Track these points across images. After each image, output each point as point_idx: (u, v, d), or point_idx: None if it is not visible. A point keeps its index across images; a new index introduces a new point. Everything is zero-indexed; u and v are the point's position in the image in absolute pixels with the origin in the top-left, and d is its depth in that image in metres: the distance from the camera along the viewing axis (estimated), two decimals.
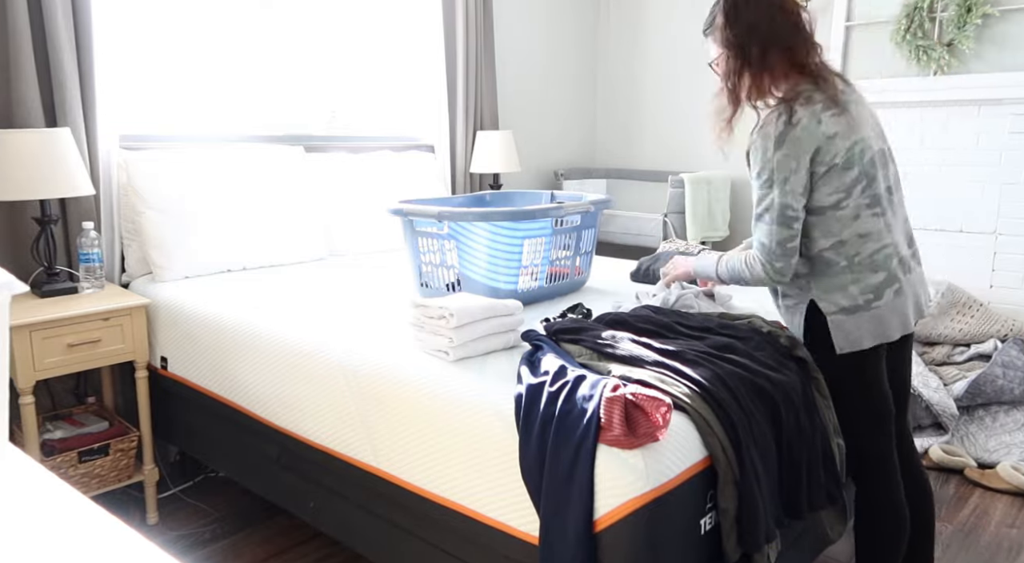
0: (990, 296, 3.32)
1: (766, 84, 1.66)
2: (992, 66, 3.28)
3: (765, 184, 1.63)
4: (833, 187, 1.61)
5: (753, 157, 1.66)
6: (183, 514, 2.48)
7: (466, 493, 1.50)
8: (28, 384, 2.10)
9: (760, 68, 1.65)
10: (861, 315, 1.64)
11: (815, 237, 1.65)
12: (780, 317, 1.83)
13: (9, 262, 2.34)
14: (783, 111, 1.61)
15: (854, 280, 1.64)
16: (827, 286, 1.66)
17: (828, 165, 1.60)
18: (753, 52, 1.64)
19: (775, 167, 1.60)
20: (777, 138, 1.60)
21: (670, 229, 3.89)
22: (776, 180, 1.61)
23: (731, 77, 1.69)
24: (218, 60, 2.99)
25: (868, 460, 1.74)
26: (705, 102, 4.59)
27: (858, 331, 1.65)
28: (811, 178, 1.62)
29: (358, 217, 3.11)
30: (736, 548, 1.38)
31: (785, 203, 1.61)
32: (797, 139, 1.58)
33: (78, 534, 0.74)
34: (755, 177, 1.66)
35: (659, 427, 1.27)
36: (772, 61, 1.64)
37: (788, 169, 1.59)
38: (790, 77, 1.65)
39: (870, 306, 1.64)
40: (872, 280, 1.64)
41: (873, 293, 1.64)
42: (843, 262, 1.64)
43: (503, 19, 4.06)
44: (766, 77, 1.65)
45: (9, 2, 2.25)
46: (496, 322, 1.73)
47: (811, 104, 1.61)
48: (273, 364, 1.96)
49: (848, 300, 1.64)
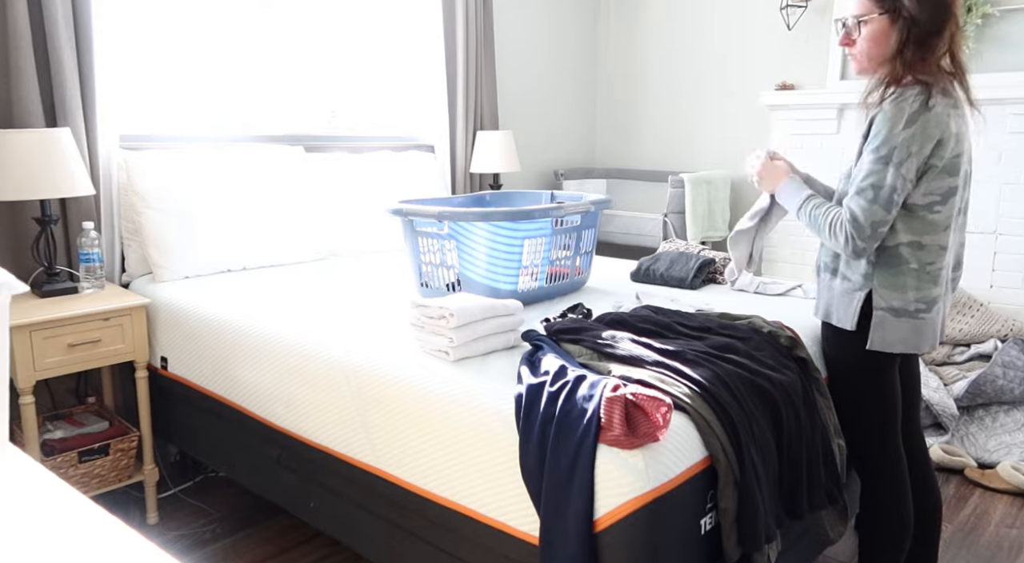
0: (990, 296, 3.32)
1: (926, 64, 1.57)
2: (992, 66, 3.28)
3: (881, 160, 1.55)
4: (933, 188, 1.58)
5: (877, 126, 1.57)
6: (183, 514, 2.48)
7: (466, 493, 1.50)
8: (28, 384, 2.10)
9: (928, 46, 1.57)
10: (904, 321, 1.62)
11: (898, 230, 1.61)
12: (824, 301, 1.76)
13: (9, 262, 2.34)
14: (923, 91, 1.55)
15: (916, 286, 1.61)
16: (889, 282, 1.62)
17: (943, 161, 1.56)
18: (930, 27, 1.56)
19: (898, 144, 1.54)
20: (910, 116, 1.53)
21: (670, 229, 3.89)
22: (894, 159, 1.54)
23: (905, 46, 1.57)
24: (218, 60, 2.99)
25: (873, 460, 1.74)
26: (705, 102, 4.59)
27: (896, 335, 1.63)
28: (923, 169, 1.56)
29: (358, 217, 3.11)
30: (736, 548, 1.38)
31: (894, 185, 1.55)
32: (928, 124, 1.53)
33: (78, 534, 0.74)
34: (871, 149, 1.57)
35: (659, 427, 1.27)
36: (940, 43, 1.57)
37: (909, 151, 1.54)
38: (940, 64, 1.59)
39: (918, 315, 1.62)
40: (930, 292, 1.62)
41: (926, 304, 1.62)
42: (914, 264, 1.61)
43: (503, 19, 4.06)
44: (930, 57, 1.57)
45: (9, 2, 2.24)
46: (496, 322, 1.73)
47: (948, 96, 1.57)
48: (273, 364, 1.96)
49: (901, 302, 1.62)
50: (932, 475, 1.87)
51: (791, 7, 3.82)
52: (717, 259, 2.57)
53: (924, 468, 1.86)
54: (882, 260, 1.63)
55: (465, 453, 1.50)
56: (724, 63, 4.20)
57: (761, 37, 4.03)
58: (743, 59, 4.12)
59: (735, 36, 4.14)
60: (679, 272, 2.43)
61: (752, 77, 4.08)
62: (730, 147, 4.23)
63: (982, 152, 3.29)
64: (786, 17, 3.85)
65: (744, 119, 4.15)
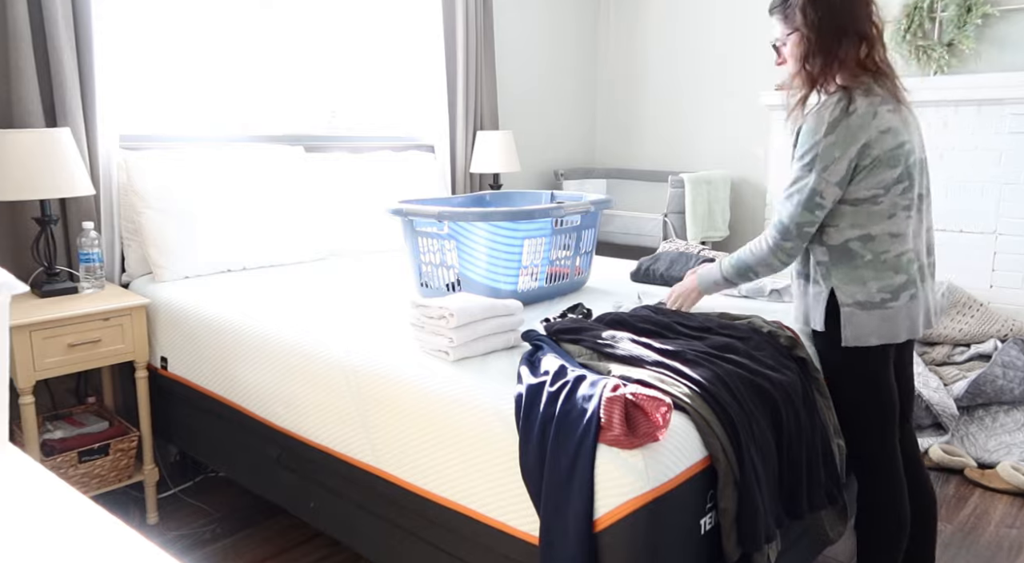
0: (990, 296, 3.32)
1: (833, 70, 1.65)
2: (992, 66, 3.28)
3: (805, 166, 1.64)
4: (874, 182, 1.62)
5: (802, 136, 1.66)
6: (183, 514, 2.48)
7: (466, 493, 1.50)
8: (28, 384, 2.10)
9: (832, 54, 1.64)
10: (873, 312, 1.65)
11: (842, 227, 1.66)
12: (801, 308, 1.81)
13: (9, 262, 2.34)
14: (843, 97, 1.61)
15: (875, 277, 1.65)
16: (847, 277, 1.67)
17: (873, 159, 1.61)
18: (829, 37, 1.63)
19: (820, 152, 1.61)
20: (831, 123, 1.60)
21: (670, 229, 3.89)
22: (817, 165, 1.62)
23: (807, 59, 1.66)
24: (218, 60, 2.99)
25: (872, 459, 1.75)
26: (705, 102, 4.59)
27: (867, 327, 1.66)
28: (854, 170, 1.62)
29: (358, 217, 3.11)
30: (736, 548, 1.38)
31: (817, 189, 1.62)
32: (849, 128, 1.59)
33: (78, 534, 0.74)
34: (797, 157, 1.66)
35: (659, 427, 1.27)
36: (845, 49, 1.63)
37: (831, 157, 1.60)
38: (855, 68, 1.65)
39: (885, 305, 1.65)
40: (893, 280, 1.66)
41: (891, 293, 1.66)
42: (868, 256, 1.65)
43: (503, 19, 4.06)
44: (835, 64, 1.64)
45: (9, 2, 2.24)
46: (496, 322, 1.73)
47: (871, 95, 1.61)
48: (273, 364, 1.96)
49: (865, 295, 1.66)
50: (925, 472, 1.88)
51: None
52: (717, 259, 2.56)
53: (917, 465, 1.88)
54: (835, 258, 1.68)
55: (465, 453, 1.50)
56: (724, 63, 4.20)
57: (761, 37, 4.02)
58: (743, 59, 4.12)
59: (735, 36, 4.14)
60: (679, 272, 2.43)
61: (752, 77, 4.08)
62: (730, 147, 4.24)
63: (982, 152, 3.29)
64: None
65: (744, 119, 4.15)
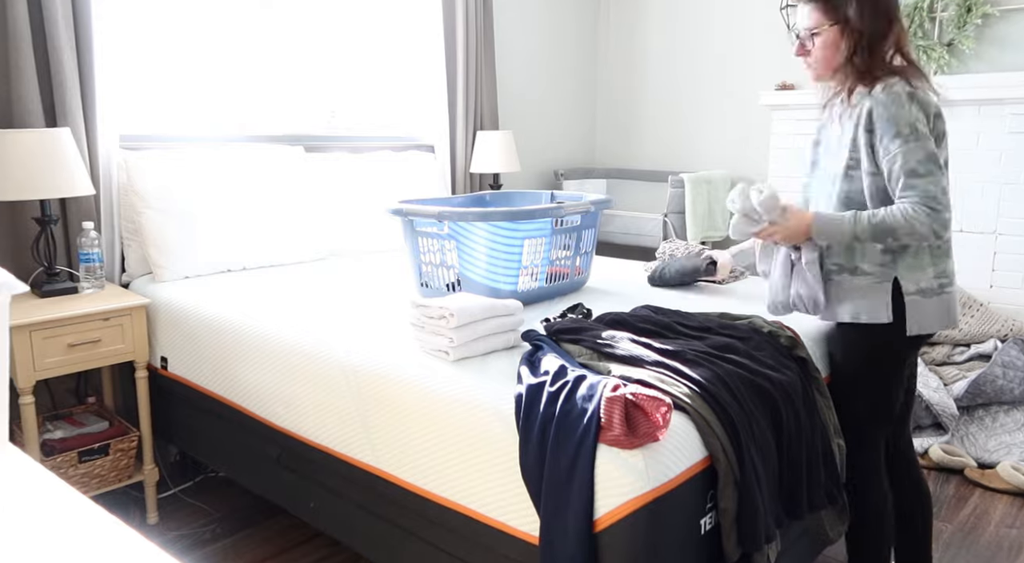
0: (990, 296, 3.32)
1: (880, 63, 1.64)
2: (992, 66, 3.28)
3: (909, 137, 1.55)
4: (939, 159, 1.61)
5: (884, 116, 1.57)
6: (183, 514, 2.48)
7: (466, 493, 1.50)
8: (28, 384, 2.10)
9: (879, 47, 1.63)
10: (933, 299, 1.65)
11: None
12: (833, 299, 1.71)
13: (9, 262, 2.34)
14: (900, 78, 1.61)
15: (933, 262, 1.65)
16: (911, 265, 1.64)
17: (938, 134, 1.61)
18: (878, 31, 1.62)
19: (915, 120, 1.56)
20: (908, 95, 1.58)
21: (670, 229, 3.89)
22: (920, 132, 1.55)
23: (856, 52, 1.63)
24: (218, 60, 2.99)
25: (866, 453, 1.76)
26: (705, 102, 4.58)
27: (932, 315, 1.65)
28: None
29: (358, 217, 3.11)
30: (736, 548, 1.38)
31: (931, 151, 1.55)
32: (922, 102, 1.59)
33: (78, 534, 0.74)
34: (892, 137, 1.56)
35: (659, 427, 1.27)
36: (891, 41, 1.64)
37: (922, 121, 1.57)
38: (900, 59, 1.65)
39: (943, 290, 1.66)
40: (947, 265, 1.67)
41: (948, 278, 1.67)
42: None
43: (503, 19, 4.06)
44: (883, 56, 1.64)
45: (9, 2, 2.24)
46: (496, 322, 1.73)
47: (920, 80, 1.62)
48: (273, 364, 1.96)
49: (926, 282, 1.65)
50: (919, 471, 1.90)
51: (791, 7, 3.81)
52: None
53: (912, 461, 1.89)
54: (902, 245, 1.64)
55: (465, 453, 1.50)
56: (724, 63, 4.20)
57: (761, 37, 4.03)
58: (743, 59, 4.12)
59: (735, 36, 4.14)
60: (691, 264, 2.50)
61: (752, 77, 4.08)
62: (730, 147, 4.23)
63: (982, 152, 3.29)
64: (786, 17, 3.86)
65: (744, 119, 4.15)
